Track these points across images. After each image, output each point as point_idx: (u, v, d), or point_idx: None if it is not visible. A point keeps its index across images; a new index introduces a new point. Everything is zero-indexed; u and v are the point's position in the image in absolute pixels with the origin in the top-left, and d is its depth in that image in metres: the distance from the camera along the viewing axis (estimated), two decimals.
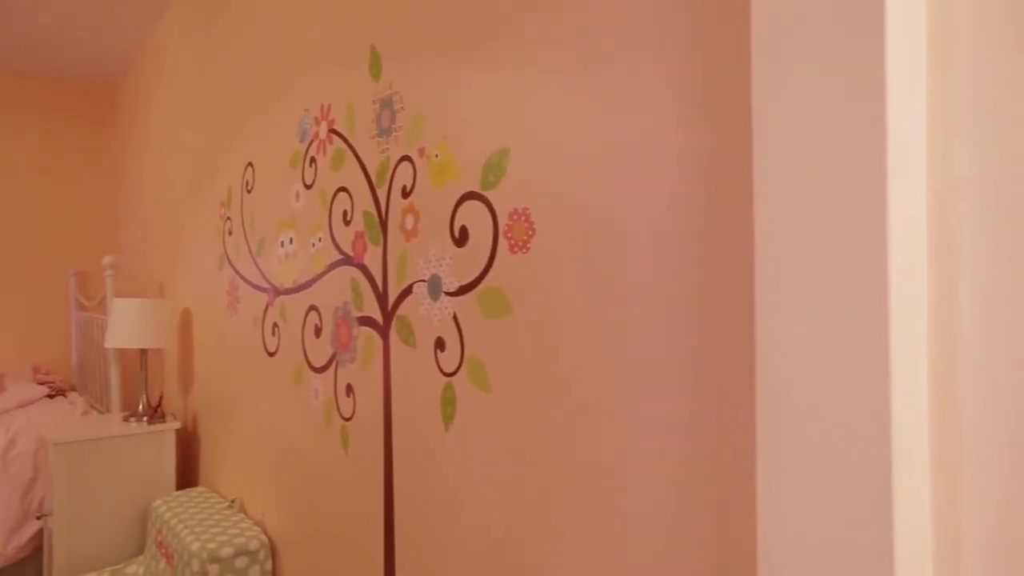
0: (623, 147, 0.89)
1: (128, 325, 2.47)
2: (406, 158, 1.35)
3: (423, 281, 1.29)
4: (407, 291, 1.34)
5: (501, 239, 1.11)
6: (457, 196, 1.20)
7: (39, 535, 2.64)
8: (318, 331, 1.67)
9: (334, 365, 1.60)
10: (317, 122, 1.70)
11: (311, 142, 1.73)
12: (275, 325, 1.91)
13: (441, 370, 1.23)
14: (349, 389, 1.54)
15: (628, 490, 0.89)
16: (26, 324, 3.92)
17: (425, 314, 1.28)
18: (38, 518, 2.58)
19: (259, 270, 2.02)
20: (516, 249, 1.08)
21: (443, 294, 1.23)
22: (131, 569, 2.16)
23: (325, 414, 1.64)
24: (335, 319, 1.60)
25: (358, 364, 1.50)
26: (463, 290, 1.19)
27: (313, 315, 1.70)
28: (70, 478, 2.28)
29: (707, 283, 0.79)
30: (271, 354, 1.93)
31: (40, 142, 3.98)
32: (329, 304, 1.63)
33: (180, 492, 2.27)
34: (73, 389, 3.62)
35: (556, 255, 1.00)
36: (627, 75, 0.89)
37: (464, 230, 1.19)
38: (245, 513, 2.07)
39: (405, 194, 1.35)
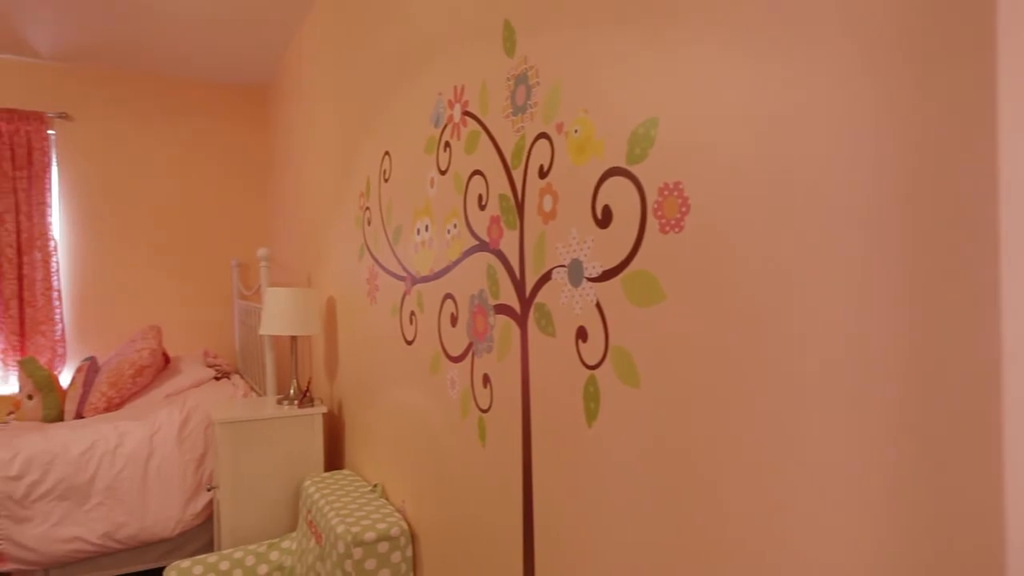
0: (801, 112, 0.75)
1: (278, 313, 2.60)
2: (543, 136, 1.26)
3: (563, 266, 1.20)
4: (545, 277, 1.25)
5: (650, 218, 0.99)
6: (599, 173, 1.10)
7: (210, 504, 2.86)
8: (454, 320, 1.64)
9: (470, 355, 1.56)
10: (451, 105, 1.65)
11: (445, 126, 1.69)
12: (412, 313, 1.91)
13: (583, 362, 1.14)
14: (486, 380, 1.49)
15: (813, 509, 0.75)
16: (197, 312, 4.29)
17: (565, 301, 1.19)
18: (208, 490, 2.80)
19: (396, 258, 2.03)
20: (667, 228, 0.96)
21: (585, 280, 1.14)
22: (286, 544, 2.27)
23: (462, 405, 1.60)
24: (471, 307, 1.56)
25: (495, 354, 1.45)
26: (607, 275, 1.09)
27: (449, 303, 1.67)
28: (233, 455, 2.43)
29: (921, 267, 0.64)
30: (409, 343, 1.94)
31: (205, 143, 4.33)
32: (465, 292, 1.58)
33: (327, 474, 2.36)
34: (236, 372, 3.91)
35: (716, 234, 0.88)
36: (808, 26, 0.74)
37: (607, 210, 1.08)
38: (387, 498, 2.10)
39: (542, 174, 1.26)
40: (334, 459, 2.76)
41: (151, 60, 3.91)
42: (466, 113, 1.58)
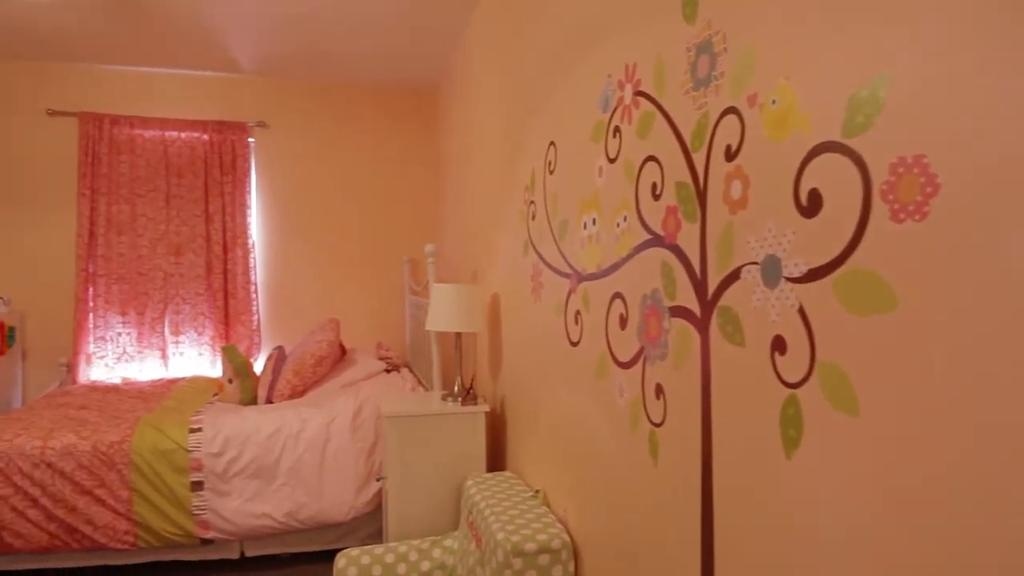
0: None
1: (444, 309, 2.60)
2: (731, 111, 1.08)
3: (755, 264, 1.02)
4: (732, 276, 1.08)
5: (876, 202, 0.79)
6: (804, 151, 0.91)
7: (380, 494, 2.96)
8: (623, 321, 1.50)
9: (641, 361, 1.41)
10: (621, 86, 1.51)
11: (614, 110, 1.55)
12: (577, 313, 1.79)
13: (781, 379, 0.95)
14: (659, 390, 1.33)
15: None
16: (372, 306, 4.51)
17: (758, 305, 1.01)
18: (378, 480, 2.89)
19: (561, 254, 1.92)
20: (903, 216, 0.75)
21: (783, 280, 0.95)
22: (447, 543, 2.26)
23: (631, 415, 1.46)
24: (643, 309, 1.40)
25: (670, 362, 1.29)
26: (813, 275, 0.89)
27: (618, 303, 1.53)
28: (399, 448, 2.47)
29: None
30: (574, 344, 1.82)
31: (380, 145, 4.54)
32: (636, 291, 1.44)
33: (489, 475, 2.31)
34: (406, 365, 4.05)
35: (976, 223, 0.66)
36: None
37: (815, 195, 0.89)
38: (548, 506, 2.01)
39: (729, 156, 1.09)
40: (496, 458, 2.73)
41: (333, 69, 4.15)
42: (638, 93, 1.42)
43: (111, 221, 4.02)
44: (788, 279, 0.94)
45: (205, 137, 4.16)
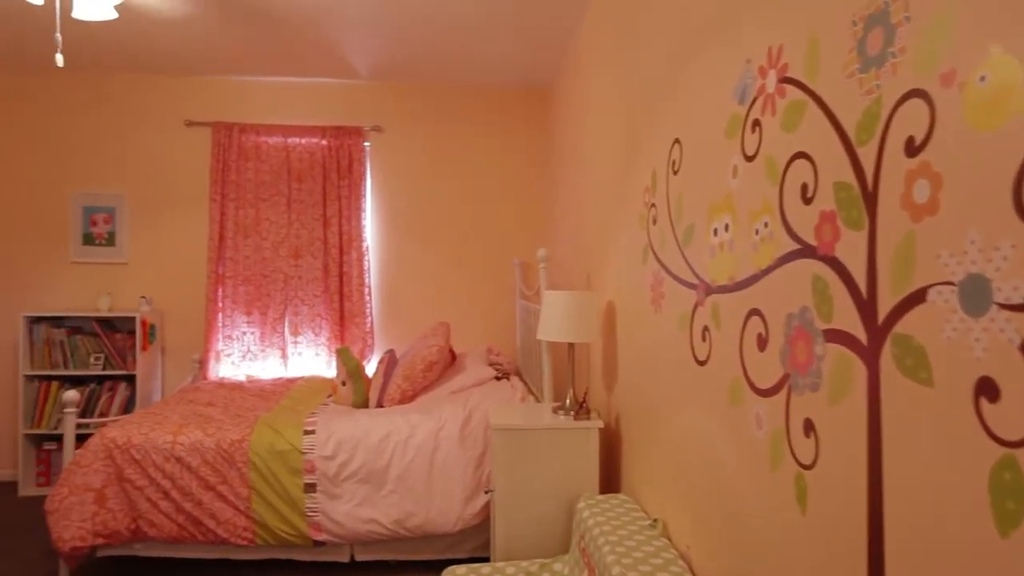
0: None
1: (555, 318, 2.48)
2: (915, 94, 0.88)
3: (949, 284, 0.81)
4: (915, 298, 0.87)
5: None
6: None
7: (488, 506, 2.88)
8: (762, 342, 1.30)
9: (786, 390, 1.21)
10: (762, 72, 1.32)
11: (754, 101, 1.36)
12: (705, 329, 1.60)
13: (991, 433, 0.75)
14: (808, 426, 1.13)
15: None
16: (483, 309, 4.47)
17: (954, 336, 0.80)
18: (486, 492, 2.81)
19: (686, 263, 1.74)
20: None
21: (994, 306, 0.74)
22: (557, 567, 2.13)
23: (772, 452, 1.26)
24: (787, 330, 1.21)
25: (824, 394, 1.09)
26: None
27: (755, 321, 1.33)
28: (507, 461, 2.37)
29: None
30: (700, 363, 1.64)
31: (492, 146, 4.48)
32: (779, 309, 1.24)
33: (602, 497, 2.16)
34: (517, 373, 3.97)
35: None
36: None
37: None
38: (668, 539, 1.83)
39: (912, 149, 0.88)
40: (610, 479, 2.57)
41: (446, 71, 4.14)
42: (784, 80, 1.23)
43: (238, 225, 4.21)
44: (1002, 306, 0.73)
45: (324, 142, 4.27)
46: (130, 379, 4.09)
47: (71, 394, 3.00)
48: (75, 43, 3.69)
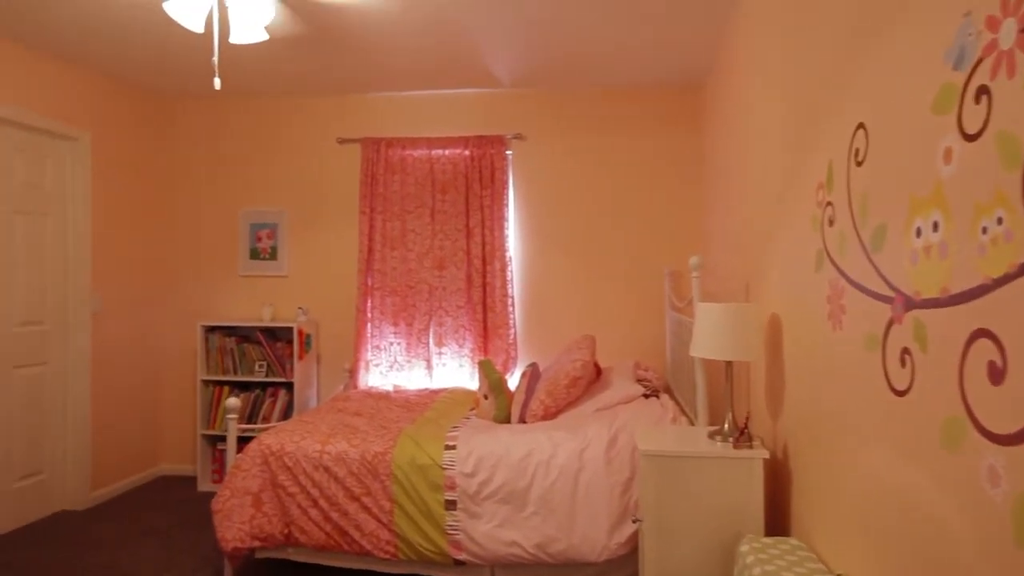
0: None
1: (711, 333, 2.22)
2: None
3: None
4: None
5: None
6: None
7: (635, 536, 2.66)
8: (997, 373, 1.00)
9: None
10: (992, 25, 1.02)
11: (977, 64, 1.06)
12: (905, 351, 1.30)
13: None
14: None
15: None
16: (629, 322, 4.24)
17: None
18: (634, 521, 2.59)
19: (876, 271, 1.44)
20: None
21: None
22: None
23: (1016, 521, 0.96)
24: None
25: None
26: None
27: (984, 345, 1.03)
28: (657, 490, 2.15)
29: None
30: (899, 393, 1.33)
31: (638, 150, 4.25)
32: (1022, 329, 0.94)
33: (770, 540, 1.88)
34: (667, 390, 3.70)
35: None
36: None
37: None
38: None
39: None
40: (777, 518, 2.25)
41: (589, 74, 3.98)
42: None
43: (385, 237, 4.31)
44: None
45: (466, 152, 4.27)
46: (289, 386, 4.31)
47: (233, 401, 3.16)
48: (240, 71, 3.96)
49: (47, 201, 3.81)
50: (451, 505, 2.76)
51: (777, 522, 2.24)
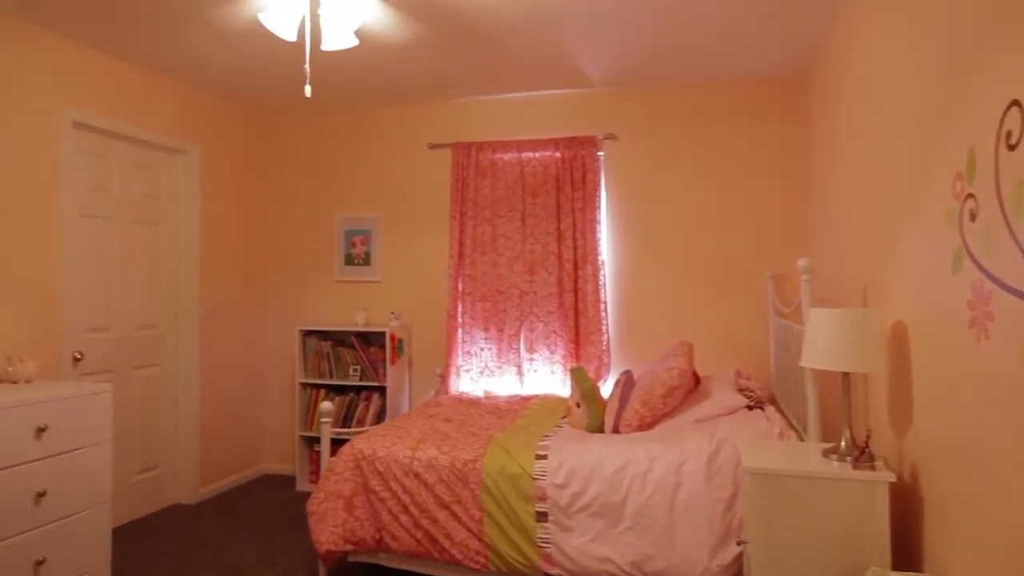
0: None
1: (825, 341, 2.02)
2: None
3: None
4: None
5: None
6: None
7: (740, 558, 2.48)
8: None
9: None
10: None
11: None
12: None
13: None
14: None
15: None
16: (729, 328, 4.01)
17: None
18: (738, 543, 2.41)
19: None
20: None
21: None
22: None
23: None
24: None
25: None
26: None
27: None
28: (764, 511, 1.98)
29: None
30: None
31: (737, 146, 4.02)
32: None
33: (897, 575, 1.67)
34: (772, 402, 3.46)
35: None
36: None
37: None
38: None
39: None
40: (906, 550, 2.02)
41: (684, 69, 3.80)
42: None
43: (476, 242, 4.29)
44: None
45: (557, 154, 4.18)
46: (382, 390, 4.36)
47: (326, 405, 3.21)
48: (335, 82, 4.05)
49: (160, 212, 4.04)
50: (542, 517, 2.67)
51: (907, 554, 2.01)
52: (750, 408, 3.02)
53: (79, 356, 3.44)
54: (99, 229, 3.63)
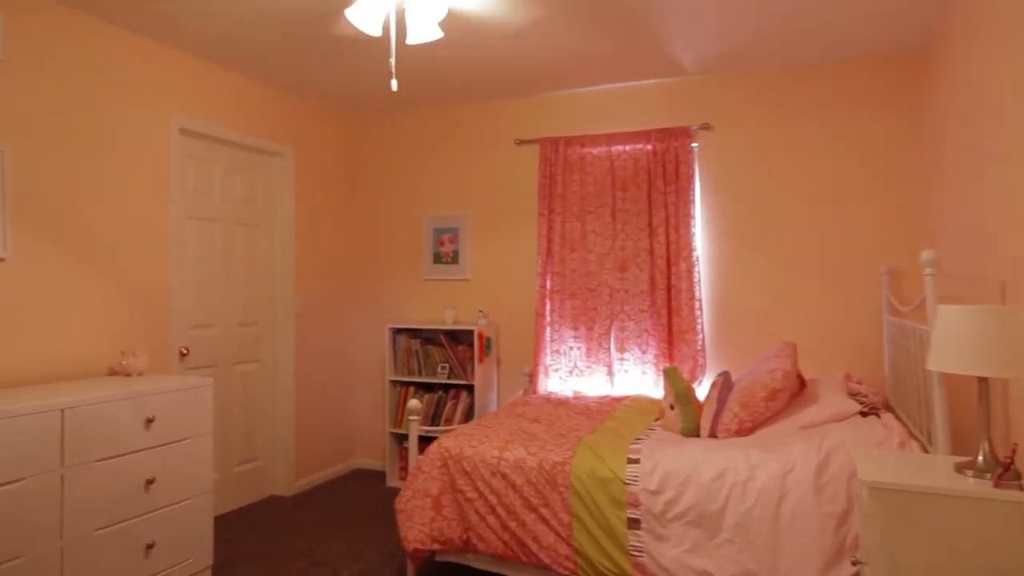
0: None
1: (957, 342, 1.80)
2: None
3: None
4: None
5: None
6: None
7: None
8: None
9: None
10: None
11: None
12: None
13: None
14: None
15: None
16: (836, 326, 3.73)
17: None
18: (853, 563, 2.20)
19: None
20: None
21: None
22: None
23: None
24: None
25: None
26: None
27: None
28: (883, 530, 1.78)
29: None
30: None
31: (844, 133, 3.73)
32: None
33: None
34: (887, 408, 3.18)
35: None
36: None
37: None
38: None
39: None
40: None
41: (785, 52, 3.56)
42: None
43: (565, 238, 4.20)
44: None
45: (648, 147, 4.02)
46: (470, 388, 4.35)
47: (414, 403, 3.21)
48: (421, 80, 4.06)
49: (258, 213, 4.19)
50: (634, 524, 2.55)
51: None
52: (863, 415, 2.78)
53: (185, 351, 3.61)
54: (203, 231, 3.80)
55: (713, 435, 2.94)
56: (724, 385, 3.10)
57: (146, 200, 3.37)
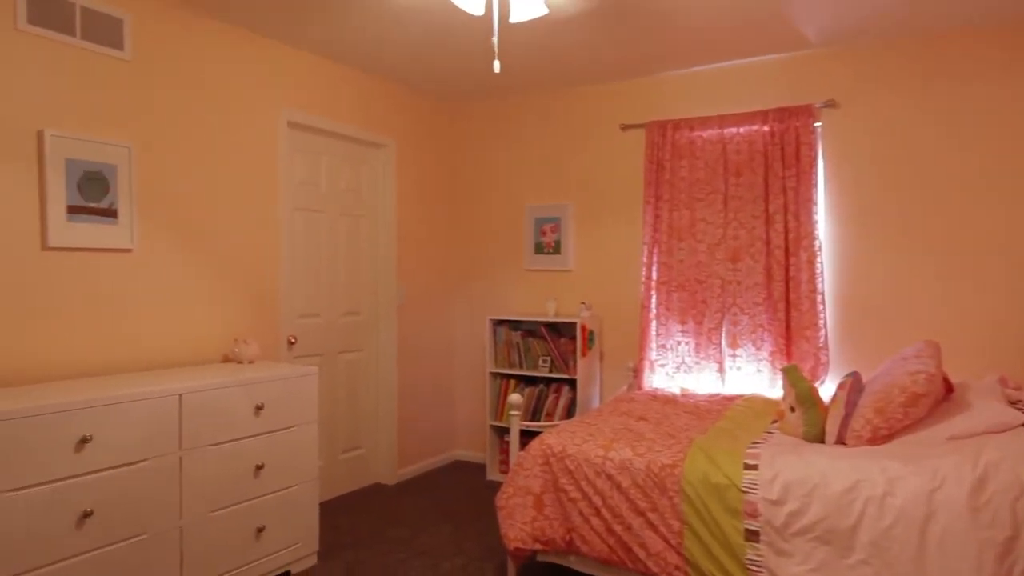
0: None
1: None
2: None
3: None
4: None
5: None
6: None
7: None
8: None
9: None
10: None
11: None
12: None
13: None
14: None
15: None
16: (987, 324, 3.31)
17: None
18: None
19: None
20: None
21: None
22: None
23: None
24: None
25: None
26: None
27: None
28: None
29: None
30: None
31: (991, 105, 3.29)
32: None
33: None
34: None
35: None
36: None
37: None
38: None
39: None
40: None
41: (924, 16, 3.17)
42: None
43: (672, 228, 3.98)
44: None
45: (765, 128, 3.73)
46: (572, 383, 4.22)
47: (515, 397, 3.12)
48: (521, 65, 3.96)
49: (362, 204, 4.23)
50: (753, 536, 2.34)
51: None
52: None
53: (293, 340, 3.70)
54: (310, 222, 3.87)
55: (841, 442, 2.66)
56: (854, 387, 2.81)
57: (257, 192, 3.46)
